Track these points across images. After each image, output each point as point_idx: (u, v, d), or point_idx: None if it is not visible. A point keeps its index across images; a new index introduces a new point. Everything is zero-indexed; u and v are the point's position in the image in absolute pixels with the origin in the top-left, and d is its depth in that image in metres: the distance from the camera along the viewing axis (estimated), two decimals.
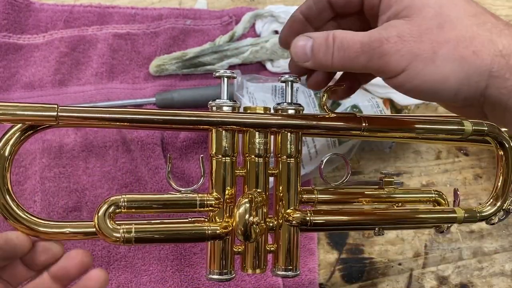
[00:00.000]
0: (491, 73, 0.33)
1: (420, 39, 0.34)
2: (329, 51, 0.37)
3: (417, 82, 0.34)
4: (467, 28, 0.34)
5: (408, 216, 0.46)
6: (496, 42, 0.33)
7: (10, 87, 0.63)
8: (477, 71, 0.33)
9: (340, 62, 0.37)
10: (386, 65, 0.35)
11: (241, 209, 0.38)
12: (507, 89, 0.33)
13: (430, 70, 0.34)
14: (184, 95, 0.62)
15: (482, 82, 0.34)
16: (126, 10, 0.69)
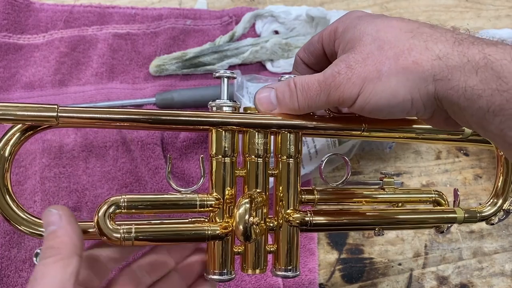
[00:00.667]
0: (434, 77, 0.35)
1: (364, 63, 0.37)
2: (293, 95, 0.40)
3: (373, 102, 0.36)
4: (404, 42, 0.36)
5: (408, 216, 0.46)
6: (433, 48, 0.35)
7: (10, 87, 0.63)
8: (421, 77, 0.35)
9: (305, 103, 0.40)
10: (343, 95, 0.37)
11: (241, 210, 0.38)
12: (454, 89, 0.34)
13: (379, 88, 0.36)
14: (184, 95, 0.62)
15: (430, 86, 0.35)
16: (126, 10, 0.69)
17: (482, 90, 0.33)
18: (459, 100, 0.34)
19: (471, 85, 0.33)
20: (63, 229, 0.34)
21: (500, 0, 0.78)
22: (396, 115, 0.37)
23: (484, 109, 0.33)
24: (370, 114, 0.38)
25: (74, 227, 0.35)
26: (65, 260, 0.32)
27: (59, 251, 0.33)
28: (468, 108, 0.34)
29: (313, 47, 0.45)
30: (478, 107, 0.33)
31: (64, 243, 0.33)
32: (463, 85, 0.34)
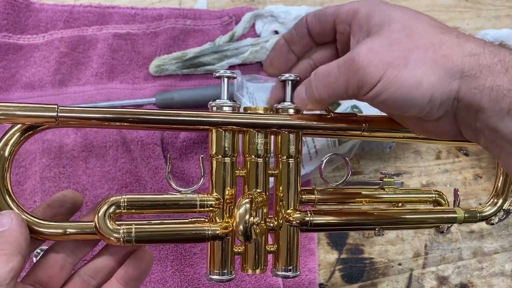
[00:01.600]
0: (462, 74, 0.34)
1: (390, 48, 0.35)
2: (312, 86, 0.39)
3: (392, 90, 0.35)
4: (435, 36, 0.35)
5: (408, 216, 0.46)
6: (464, 45, 0.34)
7: (10, 87, 0.63)
8: (449, 73, 0.34)
9: (324, 91, 0.39)
10: (363, 78, 0.36)
11: (241, 210, 0.38)
12: (478, 89, 0.33)
13: (404, 75, 0.34)
14: (184, 95, 0.62)
15: (454, 84, 0.34)
16: (126, 10, 0.69)
17: (508, 90, 0.33)
18: (481, 100, 0.33)
19: (499, 84, 0.33)
20: (11, 230, 0.36)
21: (500, 0, 0.78)
22: (408, 110, 0.36)
23: (505, 110, 0.33)
24: (383, 104, 0.36)
25: (22, 230, 0.37)
26: (8, 256, 0.35)
27: (3, 248, 0.35)
28: (489, 109, 0.33)
29: (324, 17, 0.43)
30: (500, 108, 0.33)
31: (9, 242, 0.35)
32: (490, 84, 0.33)
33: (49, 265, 0.40)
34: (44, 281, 0.39)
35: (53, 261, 0.40)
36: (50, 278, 0.40)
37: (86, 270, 0.41)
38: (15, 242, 0.36)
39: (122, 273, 0.41)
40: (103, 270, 0.41)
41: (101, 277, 0.41)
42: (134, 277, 0.40)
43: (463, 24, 0.75)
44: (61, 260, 0.40)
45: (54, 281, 0.40)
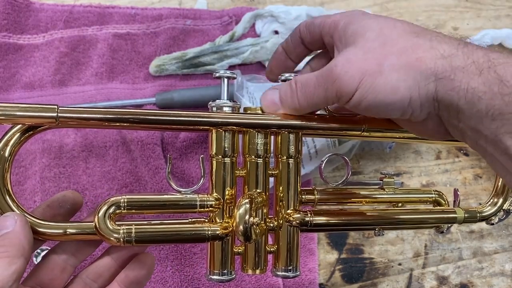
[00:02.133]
0: (436, 76, 0.34)
1: (365, 57, 0.36)
2: (294, 93, 0.40)
3: (371, 97, 0.35)
4: (408, 40, 0.36)
5: (408, 216, 0.46)
6: (437, 47, 0.35)
7: (10, 87, 0.63)
8: (423, 75, 0.34)
9: (304, 100, 0.40)
10: (341, 88, 0.37)
11: (241, 210, 0.38)
12: (455, 90, 0.34)
13: (380, 82, 0.35)
14: (184, 95, 0.62)
15: (431, 85, 0.34)
16: (126, 10, 0.69)
17: (483, 93, 0.33)
18: (459, 101, 0.34)
19: (473, 86, 0.33)
20: (14, 233, 0.36)
21: (500, 0, 0.78)
22: (391, 114, 0.37)
23: (482, 113, 0.33)
24: (365, 111, 0.37)
25: (26, 233, 0.37)
26: (11, 258, 0.34)
27: (6, 250, 0.35)
28: (466, 110, 0.34)
29: (313, 28, 0.44)
30: (477, 110, 0.33)
31: (13, 244, 0.35)
32: (465, 86, 0.33)
33: (50, 267, 0.40)
34: (45, 283, 0.39)
35: (54, 263, 0.40)
36: (51, 281, 0.40)
37: (88, 273, 0.41)
38: (18, 244, 0.36)
39: (123, 277, 0.41)
40: (105, 273, 0.41)
41: (103, 281, 0.41)
42: (136, 281, 0.40)
43: (463, 24, 0.75)
44: (62, 262, 0.40)
45: (56, 283, 0.40)
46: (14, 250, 0.35)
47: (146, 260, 0.41)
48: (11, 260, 0.34)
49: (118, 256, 0.41)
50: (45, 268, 0.40)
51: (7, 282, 0.34)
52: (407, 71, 0.35)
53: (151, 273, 0.41)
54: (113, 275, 0.41)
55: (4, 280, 0.33)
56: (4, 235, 0.36)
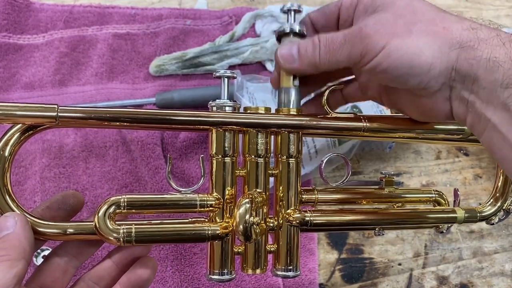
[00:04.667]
0: (461, 44, 0.36)
1: (395, 22, 0.37)
2: (316, 49, 0.40)
3: (394, 57, 0.37)
4: (437, 13, 0.38)
5: (408, 216, 0.46)
6: (463, 21, 0.37)
7: (10, 87, 0.63)
8: (449, 43, 0.36)
9: (326, 57, 0.40)
10: (367, 46, 0.37)
11: (241, 209, 0.38)
12: (476, 59, 0.35)
13: (407, 44, 0.36)
14: (184, 95, 0.62)
15: (453, 54, 0.36)
16: (126, 10, 0.69)
17: (503, 62, 0.35)
18: (478, 70, 0.35)
19: (496, 56, 0.35)
20: (15, 234, 0.36)
21: (500, 0, 0.78)
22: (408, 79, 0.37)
23: (498, 81, 0.35)
24: (383, 72, 0.38)
25: (27, 234, 0.36)
26: (12, 261, 0.34)
27: (7, 252, 0.35)
28: (483, 79, 0.35)
29: (328, 9, 0.45)
30: (494, 79, 0.35)
31: (13, 247, 0.35)
32: (487, 56, 0.35)
33: (52, 269, 0.40)
34: (47, 285, 0.39)
35: (56, 265, 0.40)
36: (53, 283, 0.40)
37: (90, 276, 0.41)
38: (19, 246, 0.35)
39: (125, 280, 0.41)
40: (107, 277, 0.41)
41: (105, 284, 0.41)
42: (137, 284, 0.40)
43: None
44: (64, 264, 0.40)
45: (58, 285, 0.40)
46: (15, 252, 0.35)
47: (147, 263, 0.41)
48: (12, 263, 0.34)
49: (119, 260, 0.41)
50: (47, 270, 0.40)
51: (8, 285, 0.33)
52: (434, 37, 0.36)
53: (153, 276, 0.41)
54: (115, 278, 0.41)
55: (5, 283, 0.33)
56: (4, 237, 0.36)
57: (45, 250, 0.51)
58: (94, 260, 0.54)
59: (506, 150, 0.36)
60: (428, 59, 0.36)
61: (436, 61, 0.36)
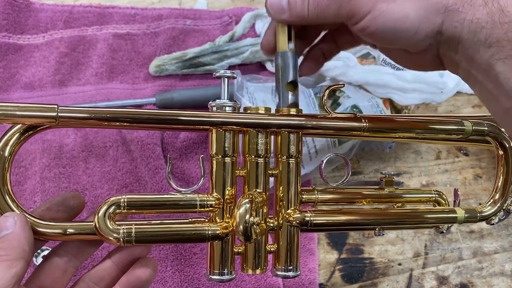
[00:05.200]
0: (446, 8, 0.36)
1: None
2: (305, 2, 0.40)
3: (380, 22, 0.37)
4: None
5: (408, 216, 0.46)
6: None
7: (10, 87, 0.63)
8: (434, 7, 0.36)
9: (315, 11, 0.40)
10: (354, 8, 0.38)
11: (241, 210, 0.38)
12: (460, 22, 0.36)
13: (392, 8, 0.37)
14: (184, 95, 0.62)
15: (439, 18, 0.37)
16: (126, 10, 0.69)
17: (485, 22, 0.35)
18: (462, 32, 0.36)
19: (478, 17, 0.35)
20: (14, 234, 0.36)
21: None
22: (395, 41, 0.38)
23: (481, 41, 0.35)
24: (370, 35, 0.38)
25: (26, 234, 0.36)
26: (11, 261, 0.34)
27: (6, 252, 0.35)
28: (467, 41, 0.36)
29: None
30: (477, 39, 0.35)
31: (13, 247, 0.35)
32: (470, 17, 0.36)
33: (52, 269, 0.40)
34: (47, 285, 0.39)
35: (56, 265, 0.40)
36: (53, 283, 0.40)
37: (90, 276, 0.41)
38: (18, 246, 0.35)
39: (125, 281, 0.41)
40: (107, 277, 0.41)
41: (105, 284, 0.41)
42: (137, 285, 0.40)
43: None
44: (64, 264, 0.40)
45: (57, 285, 0.40)
46: (14, 252, 0.35)
47: (148, 264, 0.41)
48: (11, 263, 0.34)
49: (119, 260, 0.41)
50: (46, 270, 0.40)
51: (7, 285, 0.33)
52: (420, 2, 0.37)
53: (152, 277, 0.41)
54: (115, 279, 0.41)
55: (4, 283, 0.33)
56: (3, 237, 0.36)
57: (45, 250, 0.51)
58: (94, 260, 0.54)
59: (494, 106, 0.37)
60: (413, 24, 0.37)
61: (421, 25, 0.37)
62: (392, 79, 0.60)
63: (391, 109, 0.62)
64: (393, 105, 0.62)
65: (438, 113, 0.70)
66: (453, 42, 0.37)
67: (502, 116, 0.36)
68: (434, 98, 0.61)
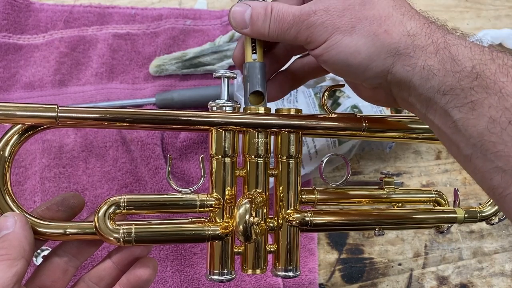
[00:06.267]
0: (398, 51, 0.36)
1: (342, 13, 0.38)
2: (267, 21, 0.40)
3: (333, 53, 0.38)
4: (384, 9, 0.38)
5: (408, 216, 0.46)
6: (406, 24, 0.37)
7: (10, 87, 0.63)
8: (386, 48, 0.36)
9: (275, 32, 0.40)
10: (312, 36, 0.38)
11: (241, 210, 0.38)
12: (411, 66, 0.36)
13: (346, 42, 0.37)
14: (184, 95, 0.62)
15: (389, 59, 0.37)
16: (126, 10, 0.69)
17: (437, 70, 0.35)
18: (413, 77, 0.36)
19: (430, 64, 0.35)
20: (14, 234, 0.36)
21: (500, 0, 0.78)
22: (346, 74, 0.39)
23: (435, 88, 0.35)
24: (325, 63, 0.39)
25: (26, 234, 0.37)
26: (12, 261, 0.34)
27: (6, 252, 0.35)
28: (419, 86, 0.36)
29: None
30: (430, 86, 0.35)
31: (13, 246, 0.35)
32: (422, 64, 0.35)
33: (52, 269, 0.40)
34: (47, 285, 0.39)
35: (56, 265, 0.40)
36: (53, 283, 0.40)
37: (90, 276, 0.41)
38: (19, 246, 0.35)
39: (125, 281, 0.41)
40: (107, 277, 0.41)
41: (105, 284, 0.41)
42: (137, 285, 0.40)
43: (463, 24, 0.75)
44: (64, 264, 0.40)
45: (58, 285, 0.40)
46: (14, 252, 0.35)
47: (148, 263, 0.41)
48: (11, 262, 0.34)
49: (119, 260, 0.41)
50: (47, 270, 0.40)
51: (7, 284, 0.33)
52: (374, 40, 0.37)
53: (153, 277, 0.41)
54: (115, 279, 0.41)
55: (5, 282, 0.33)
56: (4, 236, 0.36)
57: (45, 250, 0.51)
58: (94, 260, 0.54)
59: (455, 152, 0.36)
60: (364, 61, 0.37)
61: (372, 63, 0.37)
62: None
63: (391, 109, 0.62)
64: None
65: None
66: (404, 85, 0.37)
67: (464, 163, 0.36)
68: None
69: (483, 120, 0.33)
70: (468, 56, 0.34)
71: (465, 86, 0.34)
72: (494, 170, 0.33)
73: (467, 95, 0.34)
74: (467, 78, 0.34)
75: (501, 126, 0.32)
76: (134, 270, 0.41)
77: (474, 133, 0.33)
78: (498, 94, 0.33)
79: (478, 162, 0.34)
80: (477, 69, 0.34)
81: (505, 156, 0.32)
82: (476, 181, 0.36)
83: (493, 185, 0.34)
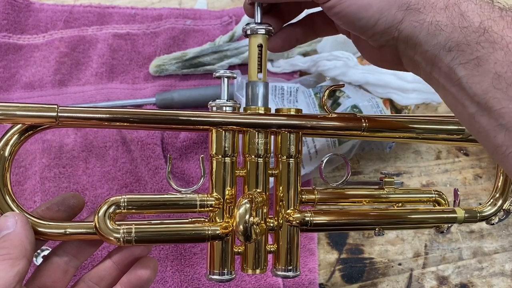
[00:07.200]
0: (409, 6, 0.36)
1: None
2: None
3: (345, 5, 0.37)
4: None
5: (408, 216, 0.46)
6: None
7: (10, 87, 0.63)
8: (398, 2, 0.37)
9: None
10: None
11: (241, 210, 0.38)
12: (419, 22, 0.36)
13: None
14: (184, 95, 0.62)
15: (400, 14, 0.37)
16: (126, 10, 0.69)
17: (445, 26, 0.35)
18: (420, 33, 0.36)
19: (438, 20, 0.35)
20: (16, 233, 0.36)
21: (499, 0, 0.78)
22: (355, 27, 0.39)
23: (441, 45, 0.35)
24: (335, 16, 0.39)
25: (27, 233, 0.37)
26: (13, 260, 0.34)
27: (8, 251, 0.35)
28: (425, 43, 0.36)
29: None
30: (436, 42, 0.35)
31: (14, 246, 0.35)
32: (430, 19, 0.36)
33: (52, 269, 0.40)
34: (47, 286, 0.39)
35: (56, 265, 0.40)
36: (54, 283, 0.40)
37: (90, 276, 0.41)
38: (20, 245, 0.35)
39: (125, 281, 0.41)
40: (107, 277, 0.41)
41: (105, 284, 0.41)
42: (138, 284, 0.40)
43: None
44: (64, 264, 0.40)
45: (58, 285, 0.40)
46: (16, 251, 0.35)
47: (148, 263, 0.41)
48: (13, 261, 0.34)
49: (119, 260, 0.41)
50: (47, 271, 0.40)
51: (10, 284, 0.33)
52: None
53: (153, 277, 0.41)
54: (116, 279, 0.41)
55: (7, 282, 0.33)
56: (5, 236, 0.36)
57: (45, 250, 0.51)
58: (94, 260, 0.54)
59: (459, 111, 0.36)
60: (375, 14, 0.37)
61: (382, 17, 0.37)
62: (392, 79, 0.60)
63: (391, 109, 0.62)
64: (393, 105, 0.62)
65: (438, 113, 0.69)
66: (411, 42, 0.37)
67: (469, 122, 0.36)
68: (434, 98, 0.61)
69: (488, 76, 0.33)
70: (477, 12, 0.34)
71: (471, 41, 0.34)
72: (498, 128, 0.33)
73: (473, 50, 0.34)
74: (474, 33, 0.34)
75: (507, 81, 0.32)
76: (135, 270, 0.41)
77: (478, 90, 0.33)
78: (504, 49, 0.33)
79: (482, 120, 0.34)
80: (485, 25, 0.34)
81: (509, 112, 0.32)
82: (479, 142, 0.36)
83: (497, 143, 0.34)
